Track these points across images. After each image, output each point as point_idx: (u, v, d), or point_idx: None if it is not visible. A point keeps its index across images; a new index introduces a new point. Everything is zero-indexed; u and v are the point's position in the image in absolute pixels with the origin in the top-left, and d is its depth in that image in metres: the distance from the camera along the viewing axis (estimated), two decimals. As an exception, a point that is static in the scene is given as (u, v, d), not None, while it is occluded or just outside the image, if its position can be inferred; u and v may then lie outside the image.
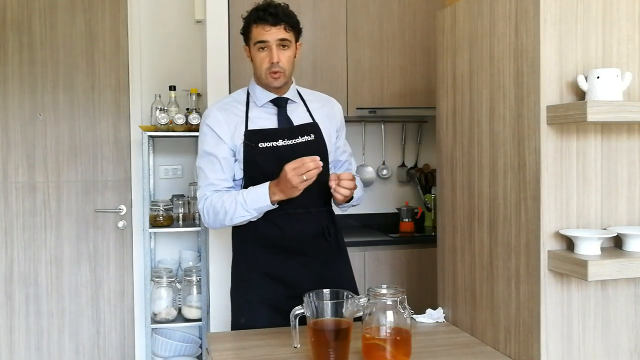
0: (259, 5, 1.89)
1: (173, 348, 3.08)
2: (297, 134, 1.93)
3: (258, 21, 1.86)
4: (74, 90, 3.32)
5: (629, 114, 1.32)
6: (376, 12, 3.24)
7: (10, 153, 3.26)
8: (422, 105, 3.27)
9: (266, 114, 1.96)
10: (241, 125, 1.92)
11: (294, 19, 1.90)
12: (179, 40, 3.41)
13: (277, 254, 1.93)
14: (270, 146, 1.89)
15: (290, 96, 1.99)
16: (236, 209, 1.82)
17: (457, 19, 1.77)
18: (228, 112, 1.95)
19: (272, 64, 1.87)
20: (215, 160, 1.91)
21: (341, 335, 1.43)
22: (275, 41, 1.86)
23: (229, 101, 2.00)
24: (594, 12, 1.44)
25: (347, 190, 1.81)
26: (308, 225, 1.93)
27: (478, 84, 1.67)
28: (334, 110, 2.08)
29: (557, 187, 1.42)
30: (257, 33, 1.87)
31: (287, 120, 1.96)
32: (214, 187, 1.90)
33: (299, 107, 2.01)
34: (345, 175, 1.81)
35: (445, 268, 1.88)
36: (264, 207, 1.81)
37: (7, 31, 3.24)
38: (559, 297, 1.43)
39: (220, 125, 1.92)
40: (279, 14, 1.85)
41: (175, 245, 3.41)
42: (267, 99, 1.95)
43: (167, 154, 3.41)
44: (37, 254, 3.29)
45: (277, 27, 1.85)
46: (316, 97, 2.08)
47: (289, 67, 1.91)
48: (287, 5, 1.92)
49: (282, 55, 1.88)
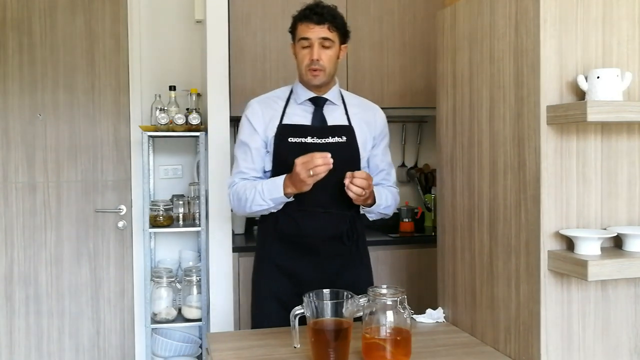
0: (307, 5, 1.95)
1: (173, 348, 3.08)
2: (328, 133, 1.96)
3: (303, 19, 1.93)
4: (74, 90, 3.32)
5: (629, 114, 1.32)
6: (376, 12, 3.24)
7: (10, 153, 3.26)
8: (422, 105, 3.27)
9: (303, 111, 2.01)
10: (276, 119, 1.99)
11: (340, 21, 1.95)
12: (179, 40, 3.41)
13: (292, 249, 1.98)
14: (299, 142, 1.93)
15: (330, 97, 2.02)
16: (255, 197, 1.90)
17: (457, 19, 1.77)
18: (267, 105, 2.03)
19: (312, 61, 1.92)
20: (248, 150, 1.99)
21: (341, 335, 1.43)
22: (317, 39, 1.91)
23: (271, 96, 2.08)
24: (594, 12, 1.44)
25: (358, 189, 1.80)
26: (325, 225, 1.96)
27: (478, 84, 1.67)
28: (375, 118, 2.09)
29: (557, 187, 1.42)
30: (301, 30, 1.94)
31: (322, 120, 1.99)
32: (243, 175, 1.99)
33: (337, 109, 2.03)
34: (359, 174, 1.81)
35: (445, 268, 1.88)
36: (278, 198, 1.87)
37: (7, 31, 3.24)
38: (559, 297, 1.43)
39: (256, 117, 2.00)
40: (324, 13, 1.91)
41: (175, 245, 3.41)
42: (306, 97, 2.01)
43: (167, 154, 3.41)
44: (37, 254, 3.29)
45: (321, 26, 1.91)
46: (359, 102, 2.11)
47: (330, 66, 1.95)
48: (336, 7, 1.97)
49: (323, 53, 1.93)
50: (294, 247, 1.98)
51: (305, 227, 1.95)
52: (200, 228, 3.05)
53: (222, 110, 2.89)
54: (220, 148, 2.88)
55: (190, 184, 3.28)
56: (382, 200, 1.99)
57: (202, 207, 3.02)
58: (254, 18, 3.08)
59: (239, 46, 3.07)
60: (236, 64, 3.05)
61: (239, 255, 2.93)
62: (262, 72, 3.10)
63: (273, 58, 3.10)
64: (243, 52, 3.08)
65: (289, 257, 1.99)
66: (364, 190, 1.81)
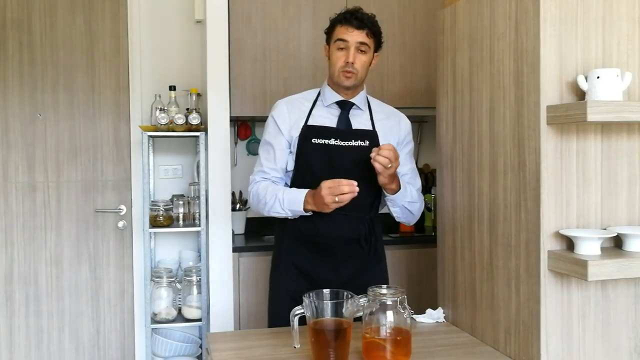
0: (348, 9, 1.98)
1: (173, 348, 3.08)
2: (351, 137, 1.97)
3: (344, 22, 1.95)
4: (74, 90, 3.32)
5: (629, 114, 1.32)
6: (376, 12, 3.19)
7: (10, 153, 3.26)
8: (422, 105, 3.26)
9: (328, 114, 2.02)
10: (302, 120, 2.01)
11: (377, 29, 1.98)
12: (179, 40, 3.41)
13: (309, 250, 2.00)
14: (322, 143, 1.96)
15: (357, 102, 2.04)
16: (274, 204, 1.93)
17: (457, 19, 1.77)
18: (294, 105, 2.05)
19: (347, 63, 1.94)
20: (271, 150, 2.01)
21: (341, 335, 1.43)
22: (355, 43, 1.93)
23: (298, 97, 2.10)
24: (594, 12, 1.43)
25: (384, 159, 1.77)
26: (344, 227, 1.97)
27: (478, 84, 1.67)
28: (400, 125, 2.09)
29: (557, 187, 1.42)
30: (339, 32, 1.95)
31: (347, 123, 2.01)
32: (264, 175, 2.02)
33: (363, 114, 2.05)
34: (385, 145, 1.79)
35: (445, 268, 1.88)
36: (298, 211, 1.90)
37: (7, 31, 3.24)
38: (559, 297, 1.43)
39: (282, 117, 2.02)
40: (365, 19, 1.94)
41: (175, 245, 3.41)
42: (333, 100, 2.02)
43: (167, 154, 3.41)
44: (37, 254, 3.29)
45: (360, 31, 1.93)
46: (384, 109, 2.12)
47: (362, 71, 1.97)
48: (374, 15, 2.00)
49: (358, 58, 1.95)
50: (311, 248, 2.00)
51: (323, 228, 1.96)
52: (200, 228, 3.05)
53: (222, 110, 2.89)
54: (220, 148, 2.88)
55: (190, 184, 3.28)
56: (408, 192, 1.98)
57: (202, 207, 3.02)
58: (254, 18, 3.08)
59: (239, 46, 3.07)
60: (236, 64, 3.04)
61: (239, 255, 2.93)
62: (262, 72, 3.10)
63: (273, 58, 3.10)
64: (243, 52, 3.08)
65: (306, 257, 2.01)
66: (390, 162, 1.78)
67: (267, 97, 3.09)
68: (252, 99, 3.10)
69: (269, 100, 3.07)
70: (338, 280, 1.94)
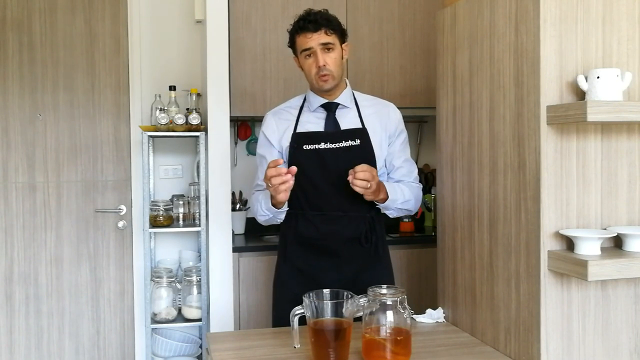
0: (299, 16, 1.97)
1: (173, 348, 3.08)
2: (341, 138, 1.97)
3: (300, 31, 1.94)
4: (74, 90, 3.32)
5: (629, 114, 1.32)
6: (376, 12, 3.24)
7: (10, 153, 3.26)
8: (422, 105, 3.27)
9: (316, 118, 2.03)
10: (290, 129, 2.02)
11: (334, 22, 1.96)
12: (179, 40, 3.41)
13: (311, 252, 2.01)
14: (313, 149, 1.97)
15: (342, 101, 2.03)
16: (258, 209, 1.99)
17: (457, 19, 1.77)
18: (280, 116, 2.07)
19: (319, 67, 1.93)
20: (264, 162, 2.02)
21: (341, 335, 1.43)
22: (318, 46, 1.92)
23: (284, 107, 2.11)
24: (594, 12, 1.44)
25: (363, 182, 1.77)
26: (344, 228, 1.98)
27: (478, 84, 1.67)
28: (390, 116, 2.07)
29: (557, 187, 1.42)
30: (301, 42, 1.95)
31: (335, 124, 2.01)
32: (259, 187, 2.07)
33: (350, 112, 2.04)
34: (359, 167, 1.79)
35: (445, 268, 1.88)
36: (273, 209, 1.92)
37: (7, 31, 3.24)
38: (559, 297, 1.43)
39: (270, 129, 2.06)
40: (318, 19, 1.92)
41: (175, 245, 3.41)
42: (318, 104, 2.03)
43: (167, 154, 3.41)
44: (37, 254, 3.29)
45: (318, 33, 1.92)
46: (372, 102, 2.10)
47: (336, 68, 1.96)
48: (327, 10, 1.98)
49: (327, 58, 1.94)
50: (313, 250, 2.01)
51: (324, 230, 1.98)
52: (200, 228, 3.04)
53: (222, 110, 2.89)
54: (220, 148, 2.88)
55: (190, 184, 3.28)
56: (398, 195, 1.97)
57: (202, 207, 3.02)
58: (254, 18, 3.08)
59: (239, 46, 3.07)
60: (236, 64, 3.05)
61: (239, 255, 2.93)
62: (262, 72, 3.10)
63: (273, 58, 3.10)
64: (243, 52, 3.08)
65: (309, 259, 2.02)
66: (369, 182, 1.78)
67: (267, 97, 3.09)
68: (252, 99, 3.10)
69: (269, 100, 3.07)
70: (343, 281, 1.94)
